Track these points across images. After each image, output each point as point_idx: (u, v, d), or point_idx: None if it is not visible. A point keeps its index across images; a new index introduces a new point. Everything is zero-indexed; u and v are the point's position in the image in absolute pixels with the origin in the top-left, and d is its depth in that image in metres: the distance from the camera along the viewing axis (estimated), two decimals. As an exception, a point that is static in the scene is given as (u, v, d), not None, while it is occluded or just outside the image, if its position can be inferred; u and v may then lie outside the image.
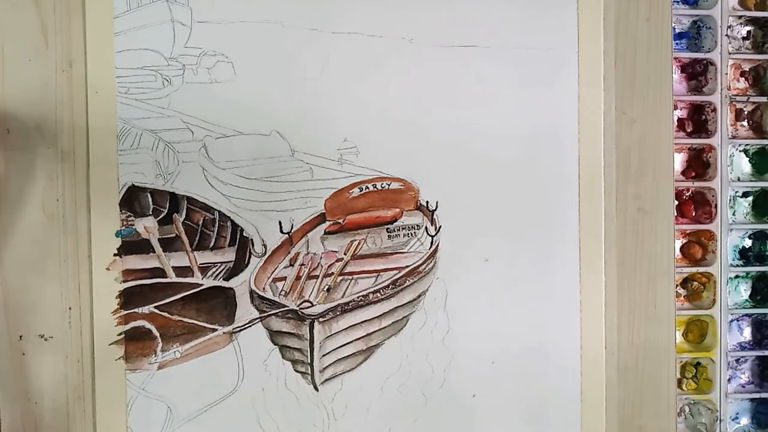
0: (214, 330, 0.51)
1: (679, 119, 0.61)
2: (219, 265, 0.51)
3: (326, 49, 0.52)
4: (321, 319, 0.52)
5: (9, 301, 0.49)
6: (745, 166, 0.62)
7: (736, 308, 0.61)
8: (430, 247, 0.53)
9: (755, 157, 0.62)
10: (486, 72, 0.53)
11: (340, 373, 0.52)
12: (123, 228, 0.50)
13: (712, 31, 0.60)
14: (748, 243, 0.62)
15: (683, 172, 0.61)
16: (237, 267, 0.51)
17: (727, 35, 0.60)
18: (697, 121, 0.61)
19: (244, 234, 0.51)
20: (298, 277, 0.52)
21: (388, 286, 0.52)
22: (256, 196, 0.51)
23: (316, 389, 0.52)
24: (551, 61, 0.54)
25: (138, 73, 0.50)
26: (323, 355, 0.52)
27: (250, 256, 0.51)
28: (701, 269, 0.60)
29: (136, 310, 0.50)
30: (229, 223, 0.51)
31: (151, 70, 0.50)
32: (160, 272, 0.50)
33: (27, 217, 0.49)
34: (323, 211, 0.52)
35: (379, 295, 0.52)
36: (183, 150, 0.50)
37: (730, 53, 0.60)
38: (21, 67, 0.49)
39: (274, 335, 0.51)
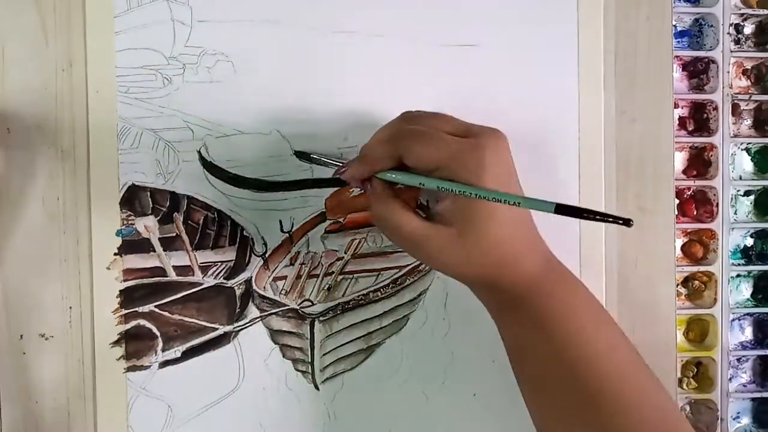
0: (215, 329, 0.51)
1: (680, 118, 0.60)
2: (219, 264, 0.51)
3: (326, 49, 0.52)
4: (321, 318, 0.52)
5: (9, 300, 0.49)
6: (746, 164, 0.61)
7: (738, 307, 0.60)
8: (431, 246, 0.53)
9: (757, 156, 0.61)
10: (486, 71, 0.53)
11: (341, 372, 0.53)
12: (123, 227, 0.50)
13: (714, 29, 0.60)
14: (749, 242, 0.62)
15: (684, 171, 0.61)
16: (237, 266, 0.51)
17: (729, 33, 0.60)
18: (699, 119, 0.61)
19: (245, 233, 0.51)
20: (298, 276, 0.52)
21: (388, 285, 0.52)
22: (257, 195, 0.51)
23: (317, 388, 0.52)
24: (551, 60, 0.54)
25: (138, 73, 0.50)
26: (324, 354, 0.52)
27: (250, 256, 0.51)
28: (702, 268, 0.60)
29: (136, 309, 0.50)
30: (229, 222, 0.51)
31: (152, 69, 0.50)
32: (160, 271, 0.50)
33: (27, 216, 0.49)
34: (323, 210, 0.52)
35: (379, 293, 0.52)
36: (183, 149, 0.50)
37: (732, 51, 0.60)
38: (21, 67, 0.49)
39: (274, 334, 0.52)
